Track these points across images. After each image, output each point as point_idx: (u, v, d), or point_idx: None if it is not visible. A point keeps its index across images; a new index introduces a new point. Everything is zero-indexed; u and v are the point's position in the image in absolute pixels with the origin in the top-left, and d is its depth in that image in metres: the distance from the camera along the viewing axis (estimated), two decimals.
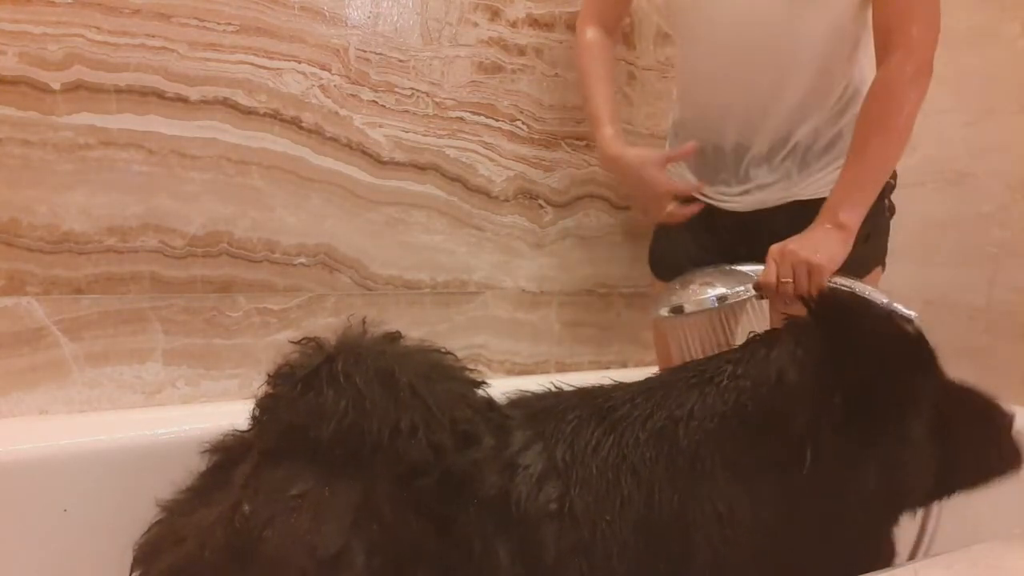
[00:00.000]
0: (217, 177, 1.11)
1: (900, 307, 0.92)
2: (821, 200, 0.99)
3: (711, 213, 1.13)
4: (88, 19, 1.00)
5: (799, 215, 1.02)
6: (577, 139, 1.39)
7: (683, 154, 1.10)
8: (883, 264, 1.11)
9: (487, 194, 1.32)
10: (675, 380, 0.86)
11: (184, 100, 1.07)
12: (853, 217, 0.95)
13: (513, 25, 1.30)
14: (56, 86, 1.00)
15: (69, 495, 0.94)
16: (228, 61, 1.09)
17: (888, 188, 1.08)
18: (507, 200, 1.34)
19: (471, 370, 0.88)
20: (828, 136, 1.07)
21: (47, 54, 0.99)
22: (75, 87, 1.01)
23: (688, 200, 1.11)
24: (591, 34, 1.21)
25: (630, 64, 1.42)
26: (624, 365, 1.50)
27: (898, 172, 1.08)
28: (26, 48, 0.97)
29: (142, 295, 1.08)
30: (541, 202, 1.38)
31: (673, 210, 1.10)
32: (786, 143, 1.07)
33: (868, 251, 1.05)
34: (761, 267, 0.96)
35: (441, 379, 0.82)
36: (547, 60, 1.34)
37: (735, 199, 1.12)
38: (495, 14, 1.28)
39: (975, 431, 0.84)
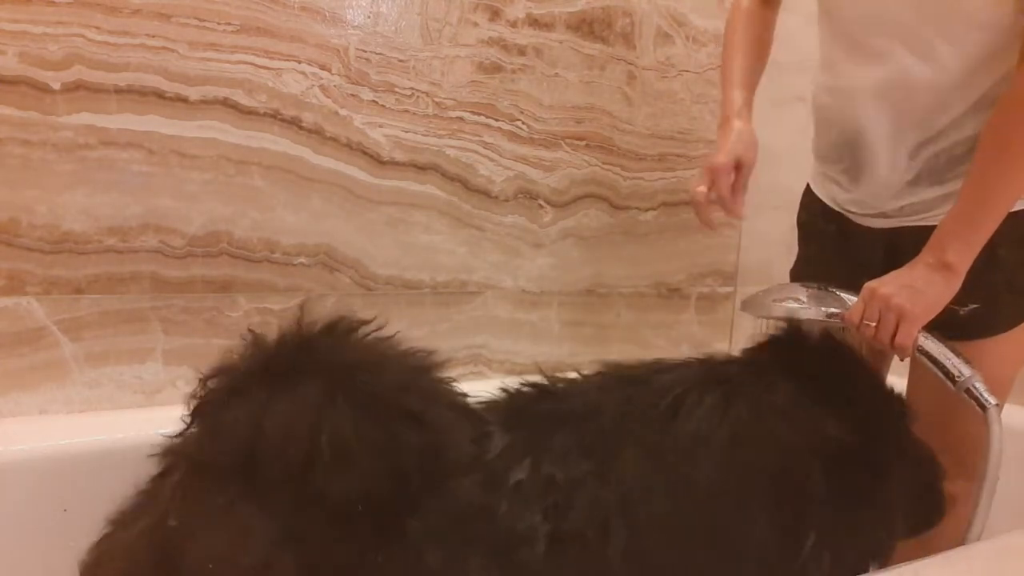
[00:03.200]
0: (217, 177, 1.11)
1: (982, 389, 0.86)
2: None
3: (851, 229, 1.03)
4: (88, 19, 1.00)
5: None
6: (577, 139, 1.39)
7: (738, 210, 0.99)
8: None
9: (487, 194, 1.32)
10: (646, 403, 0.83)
11: (184, 100, 1.07)
12: (963, 257, 0.84)
13: (513, 25, 1.30)
14: (56, 86, 1.00)
15: (69, 495, 0.94)
16: (228, 61, 1.09)
17: None
18: (507, 200, 1.34)
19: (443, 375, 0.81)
20: (967, 139, 0.91)
21: (47, 54, 0.99)
22: (75, 87, 1.01)
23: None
24: (745, 2, 1.11)
25: (630, 64, 1.42)
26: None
27: None
28: (26, 48, 0.97)
29: (142, 295, 1.08)
30: (541, 202, 1.38)
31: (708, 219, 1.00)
32: (932, 141, 0.92)
33: (1012, 304, 0.92)
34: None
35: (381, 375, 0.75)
36: (547, 60, 1.34)
37: (870, 219, 1.01)
38: (495, 14, 1.28)
39: (917, 484, 0.88)
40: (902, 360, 0.92)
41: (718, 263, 1.61)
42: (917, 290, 0.85)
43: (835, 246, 1.07)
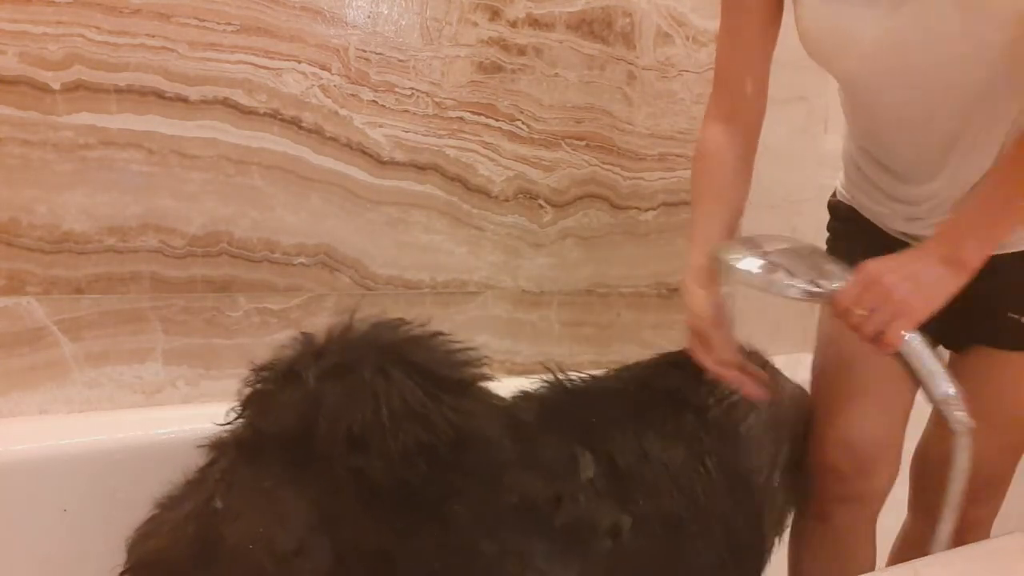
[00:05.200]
0: (217, 177, 1.11)
1: (958, 411, 0.79)
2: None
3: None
4: (88, 19, 1.00)
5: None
6: (577, 139, 1.39)
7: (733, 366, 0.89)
8: None
9: (487, 194, 1.32)
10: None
11: (184, 100, 1.07)
12: (978, 255, 0.77)
13: (513, 25, 1.30)
14: (56, 86, 1.00)
15: (69, 495, 0.94)
16: (228, 61, 1.09)
17: None
18: (507, 200, 1.34)
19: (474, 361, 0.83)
20: None
21: (47, 54, 0.99)
22: (75, 87, 1.01)
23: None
24: (712, 135, 0.97)
25: (630, 64, 1.42)
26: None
27: None
28: (26, 48, 0.97)
29: (142, 295, 1.08)
30: (541, 202, 1.38)
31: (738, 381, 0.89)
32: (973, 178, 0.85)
33: None
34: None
35: (412, 376, 0.77)
36: (547, 60, 1.34)
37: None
38: (495, 14, 1.28)
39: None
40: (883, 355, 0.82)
41: None
42: (923, 284, 0.76)
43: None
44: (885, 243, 0.96)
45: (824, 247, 1.10)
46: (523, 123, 1.33)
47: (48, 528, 0.93)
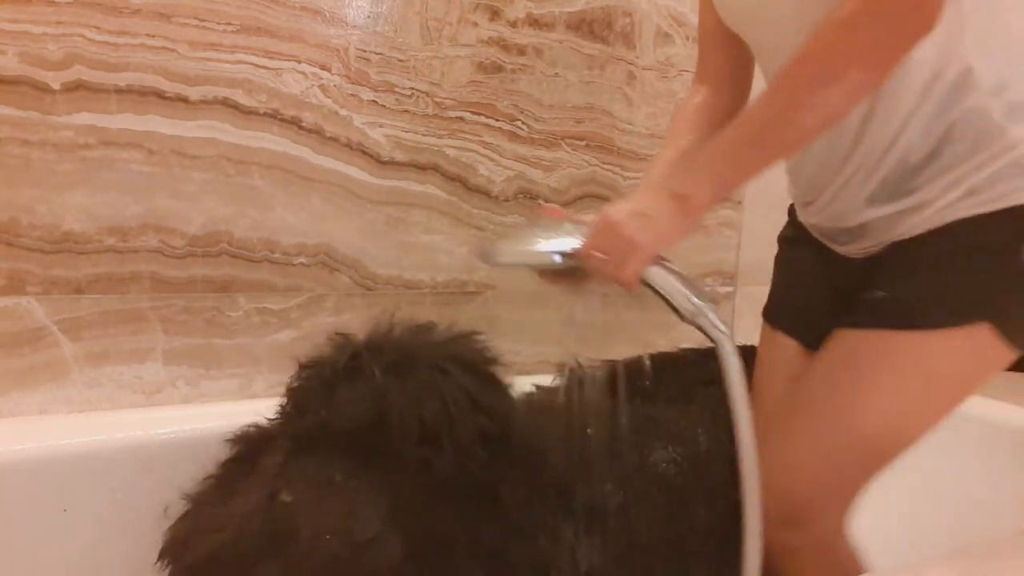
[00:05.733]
0: (217, 177, 1.11)
1: (714, 319, 0.78)
2: (943, 230, 0.76)
3: (829, 252, 0.92)
4: (88, 19, 1.00)
5: (927, 243, 0.79)
6: (577, 139, 1.39)
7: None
8: (996, 322, 0.76)
9: (487, 194, 1.32)
10: None
11: (184, 100, 1.07)
12: (706, 192, 0.74)
13: (513, 25, 1.30)
14: (56, 86, 1.00)
15: (69, 495, 0.94)
16: (228, 61, 1.09)
17: None
18: (507, 200, 1.34)
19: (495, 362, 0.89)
20: (930, 140, 0.76)
21: (47, 54, 0.99)
22: (75, 87, 1.01)
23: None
24: (692, 95, 1.00)
25: (630, 64, 1.42)
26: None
27: None
28: (26, 48, 0.97)
29: (142, 295, 1.08)
30: (541, 202, 1.38)
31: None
32: (879, 162, 0.80)
33: (970, 286, 0.77)
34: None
35: (466, 370, 0.84)
36: (547, 60, 1.34)
37: (840, 247, 0.90)
38: (495, 14, 1.28)
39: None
40: (631, 294, 0.82)
41: (718, 263, 1.61)
42: (651, 220, 0.74)
43: (816, 272, 0.96)
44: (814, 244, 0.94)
45: None
46: (523, 123, 1.33)
47: (48, 528, 0.93)
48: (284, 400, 0.84)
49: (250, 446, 0.84)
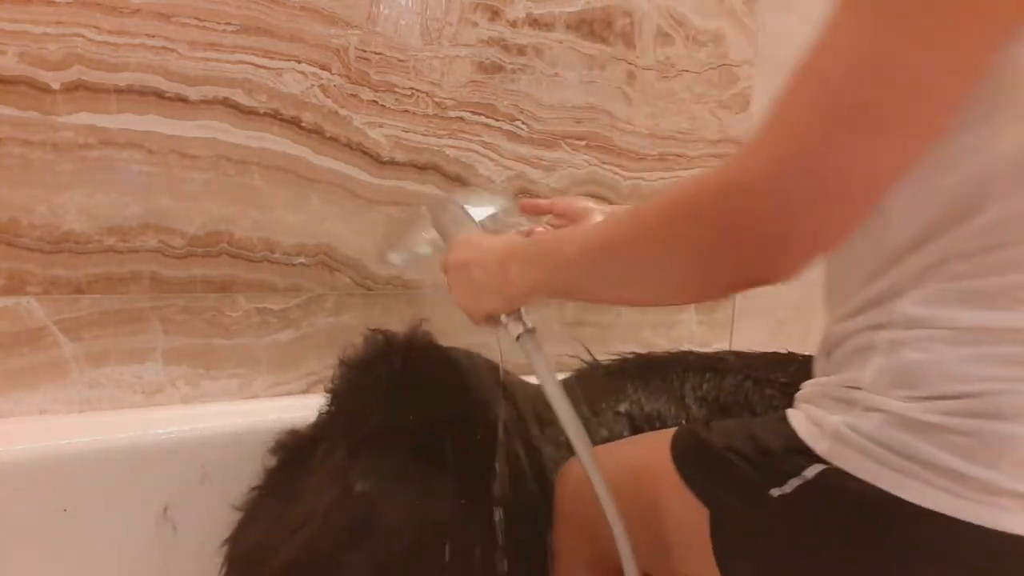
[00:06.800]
0: (217, 177, 1.11)
1: (510, 321, 0.75)
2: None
3: None
4: (88, 19, 1.00)
5: None
6: (577, 139, 1.39)
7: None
8: None
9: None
10: None
11: (184, 100, 1.07)
12: (525, 285, 0.67)
13: (513, 25, 1.30)
14: (56, 86, 1.00)
15: (69, 495, 0.94)
16: (228, 61, 1.09)
17: None
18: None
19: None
20: (853, 340, 0.58)
21: (47, 54, 0.99)
22: (75, 87, 1.01)
23: None
24: None
25: (630, 64, 1.42)
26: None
27: None
28: (26, 48, 0.97)
29: (142, 295, 1.08)
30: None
31: None
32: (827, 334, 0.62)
33: None
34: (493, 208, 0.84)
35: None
36: (547, 60, 1.34)
37: None
38: (495, 14, 1.28)
39: None
40: None
41: None
42: (472, 281, 0.72)
43: None
44: None
45: None
46: (523, 123, 1.33)
47: (48, 528, 0.93)
48: (329, 402, 0.89)
49: (290, 453, 0.89)
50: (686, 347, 1.11)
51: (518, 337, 0.74)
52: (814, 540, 0.58)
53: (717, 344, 1.61)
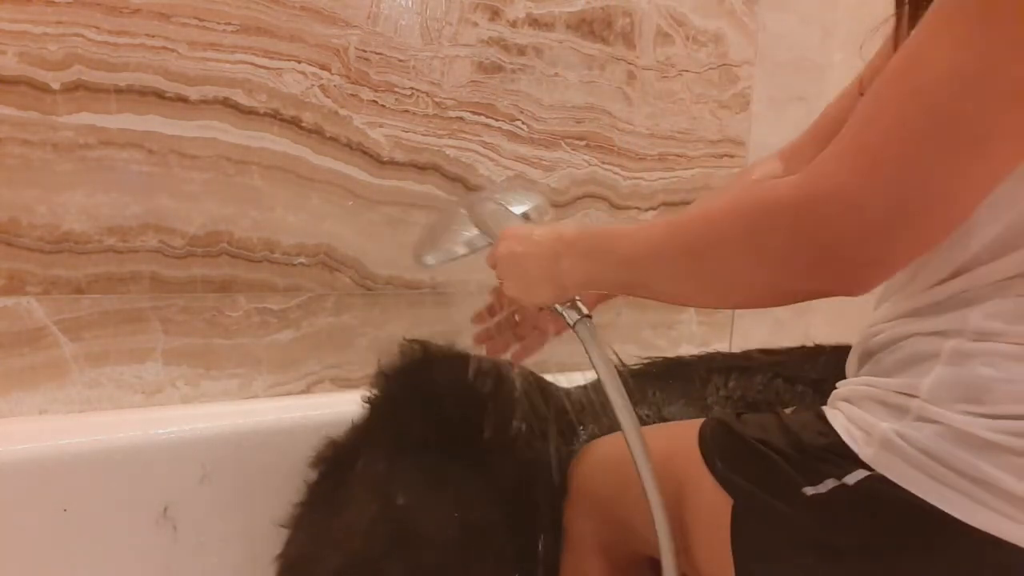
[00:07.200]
0: (217, 177, 1.11)
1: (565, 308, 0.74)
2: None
3: None
4: (88, 19, 1.00)
5: None
6: (577, 139, 1.39)
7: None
8: None
9: None
10: None
11: (184, 100, 1.07)
12: (577, 277, 0.68)
13: (513, 25, 1.30)
14: (56, 86, 1.00)
15: (69, 495, 0.94)
16: (228, 61, 1.09)
17: None
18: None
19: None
20: (910, 344, 0.57)
21: (47, 54, 0.99)
22: (75, 87, 1.01)
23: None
24: (762, 166, 0.89)
25: (630, 64, 1.42)
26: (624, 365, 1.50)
27: None
28: (26, 48, 0.97)
29: (142, 295, 1.08)
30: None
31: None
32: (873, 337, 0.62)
33: None
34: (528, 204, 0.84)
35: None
36: (547, 60, 1.34)
37: None
38: (495, 14, 1.28)
39: None
40: None
41: None
42: (523, 275, 0.73)
43: None
44: None
45: None
46: (523, 123, 1.33)
47: (48, 528, 0.93)
48: (368, 413, 0.92)
49: (332, 464, 0.92)
50: (684, 347, 1.12)
51: (574, 324, 0.75)
52: (844, 544, 0.57)
53: (716, 344, 1.61)
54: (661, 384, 1.03)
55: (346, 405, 1.03)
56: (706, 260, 0.55)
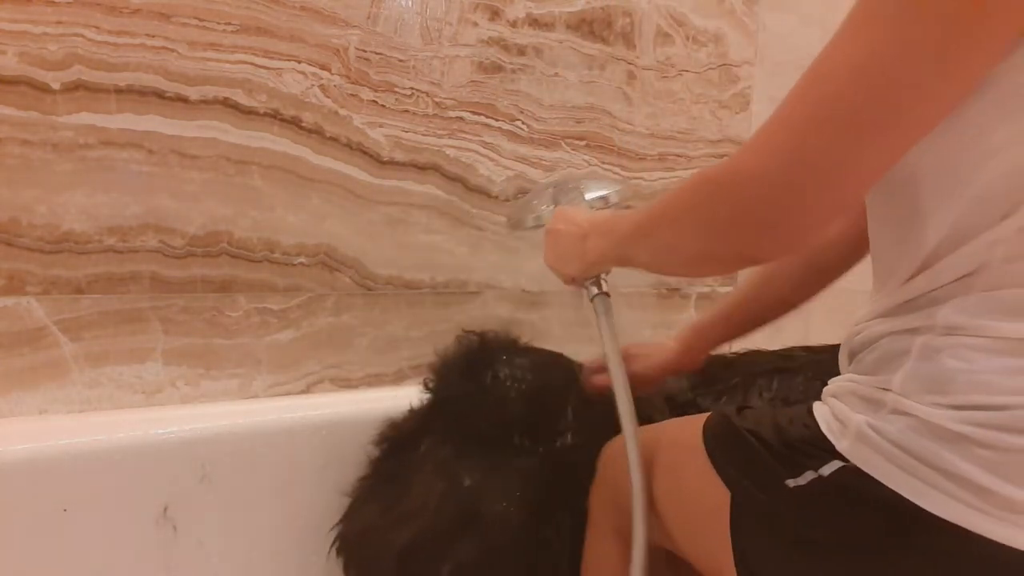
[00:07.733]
0: (217, 177, 1.11)
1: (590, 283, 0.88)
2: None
3: None
4: (88, 19, 1.00)
5: None
6: (577, 139, 1.39)
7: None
8: None
9: (487, 194, 1.32)
10: None
11: (184, 100, 1.07)
12: (601, 251, 0.76)
13: (513, 25, 1.30)
14: (56, 86, 1.00)
15: (69, 495, 0.94)
16: (228, 61, 1.09)
17: None
18: (507, 200, 1.34)
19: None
20: (887, 342, 0.58)
21: (47, 54, 0.99)
22: (75, 87, 1.01)
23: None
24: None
25: (630, 64, 1.42)
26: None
27: None
28: (26, 48, 0.97)
29: (142, 295, 1.08)
30: None
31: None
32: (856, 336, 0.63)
33: None
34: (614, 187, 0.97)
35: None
36: (547, 60, 1.34)
37: None
38: (495, 14, 1.28)
39: None
40: None
41: None
42: (560, 249, 0.85)
43: None
44: None
45: None
46: (523, 123, 1.33)
47: (48, 528, 0.93)
48: (430, 399, 0.98)
49: (395, 444, 0.98)
50: None
51: (592, 298, 0.87)
52: (823, 537, 0.58)
53: None
54: (701, 385, 1.09)
55: (346, 405, 1.04)
56: (662, 232, 0.64)
